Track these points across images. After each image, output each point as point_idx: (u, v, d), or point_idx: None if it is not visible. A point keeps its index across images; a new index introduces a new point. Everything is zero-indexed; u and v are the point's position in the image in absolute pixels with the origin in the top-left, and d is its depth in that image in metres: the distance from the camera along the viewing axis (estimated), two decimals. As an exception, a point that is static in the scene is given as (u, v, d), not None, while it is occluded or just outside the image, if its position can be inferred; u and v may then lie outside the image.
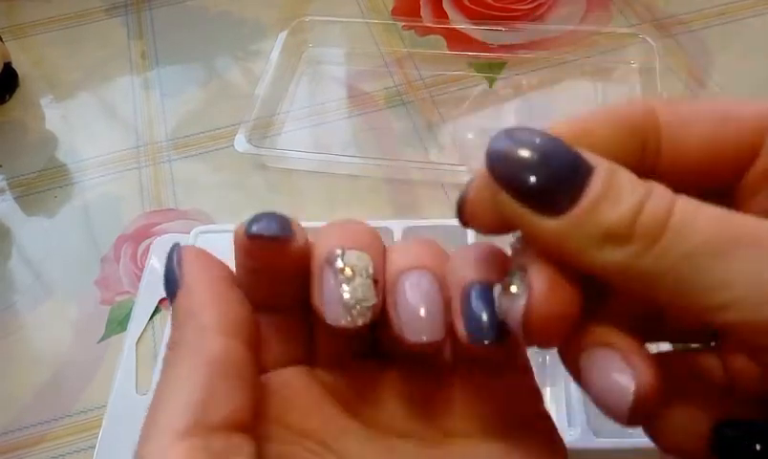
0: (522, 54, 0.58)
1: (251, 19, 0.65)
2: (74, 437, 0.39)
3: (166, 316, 0.42)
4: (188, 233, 0.45)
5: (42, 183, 0.53)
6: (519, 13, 0.62)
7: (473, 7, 0.63)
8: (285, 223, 0.20)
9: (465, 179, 0.50)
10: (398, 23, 0.62)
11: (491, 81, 0.56)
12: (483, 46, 0.59)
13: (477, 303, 0.18)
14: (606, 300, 0.18)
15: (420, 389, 0.21)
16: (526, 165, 0.16)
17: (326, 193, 0.50)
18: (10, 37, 0.65)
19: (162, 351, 0.40)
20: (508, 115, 0.54)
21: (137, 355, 0.42)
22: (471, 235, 0.42)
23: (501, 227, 0.18)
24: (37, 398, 0.42)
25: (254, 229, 0.19)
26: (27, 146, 0.56)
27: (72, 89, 0.61)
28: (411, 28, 0.61)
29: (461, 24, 0.61)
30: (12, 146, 0.56)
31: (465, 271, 0.19)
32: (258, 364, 0.19)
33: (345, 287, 0.18)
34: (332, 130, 0.54)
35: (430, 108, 0.55)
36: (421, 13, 0.63)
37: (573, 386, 0.36)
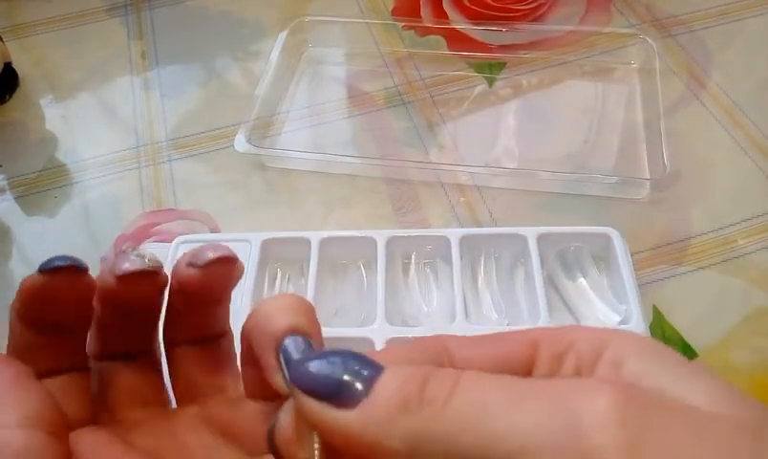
0: (522, 54, 0.58)
1: (251, 19, 0.65)
2: (74, 437, 0.39)
3: None
4: (170, 242, 0.45)
5: (42, 183, 0.53)
6: (519, 14, 0.62)
7: (473, 7, 0.63)
8: (75, 258, 0.23)
9: (465, 179, 0.50)
10: (398, 23, 0.62)
11: (491, 81, 0.56)
12: (483, 46, 0.59)
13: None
14: None
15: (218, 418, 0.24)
16: (324, 366, 0.18)
17: (325, 193, 0.50)
18: (11, 37, 0.65)
19: None
20: (508, 115, 0.54)
21: None
22: (455, 245, 0.42)
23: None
24: (37, 398, 0.42)
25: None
26: (27, 146, 0.56)
27: (72, 89, 0.61)
28: (411, 28, 0.61)
29: (461, 24, 0.61)
30: (12, 146, 0.56)
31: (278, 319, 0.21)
32: (64, 442, 0.20)
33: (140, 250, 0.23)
34: (332, 130, 0.54)
35: (430, 108, 0.55)
36: (421, 14, 0.63)
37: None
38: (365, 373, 0.17)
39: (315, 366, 0.18)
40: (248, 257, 0.42)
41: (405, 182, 0.50)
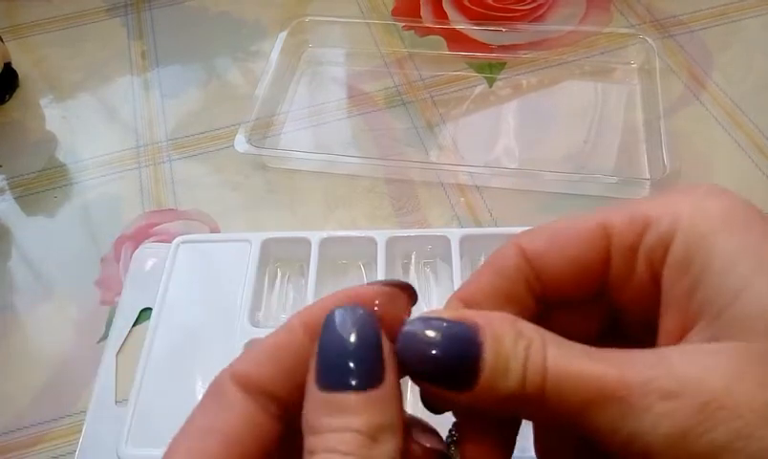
0: (522, 54, 0.58)
1: (251, 19, 0.65)
2: (74, 437, 0.39)
3: (147, 326, 0.41)
4: (170, 242, 0.45)
5: (42, 183, 0.53)
6: (519, 14, 0.62)
7: (473, 7, 0.63)
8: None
9: (465, 179, 0.50)
10: (398, 23, 0.62)
11: (491, 81, 0.56)
12: (483, 46, 0.59)
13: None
14: None
15: None
16: (428, 365, 0.19)
17: (326, 193, 0.50)
18: (10, 37, 0.65)
19: (144, 359, 0.40)
20: (508, 115, 0.54)
21: (117, 364, 0.41)
22: (455, 245, 0.42)
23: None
24: (37, 398, 0.42)
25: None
26: (27, 146, 0.56)
27: (72, 89, 0.61)
28: (411, 28, 0.61)
29: (461, 24, 0.61)
30: (12, 146, 0.56)
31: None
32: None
33: None
34: (332, 130, 0.54)
35: (430, 108, 0.55)
36: (421, 14, 0.63)
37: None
38: (467, 360, 0.18)
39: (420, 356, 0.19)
40: (248, 257, 0.42)
41: (405, 182, 0.50)
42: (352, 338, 0.19)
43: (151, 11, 0.67)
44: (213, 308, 0.41)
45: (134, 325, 0.43)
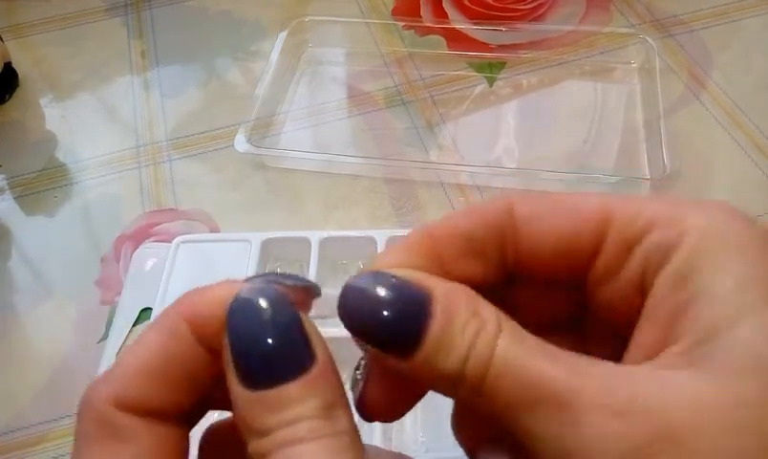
0: (523, 54, 0.58)
1: (251, 19, 0.65)
2: (74, 437, 0.39)
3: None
4: (170, 242, 0.45)
5: (42, 183, 0.53)
6: (519, 13, 0.62)
7: (473, 7, 0.63)
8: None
9: (465, 179, 0.50)
10: (398, 23, 0.62)
11: (491, 81, 0.56)
12: (483, 46, 0.59)
13: None
14: None
15: None
16: (368, 324, 0.17)
17: (326, 193, 0.50)
18: (10, 37, 0.65)
19: None
20: (508, 115, 0.54)
21: None
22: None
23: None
24: (37, 398, 0.42)
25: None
26: (27, 146, 0.56)
27: (72, 89, 0.61)
28: (411, 28, 0.61)
29: (461, 24, 0.61)
30: (12, 146, 0.56)
31: None
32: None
33: None
34: (332, 130, 0.54)
35: (430, 108, 0.55)
36: (421, 13, 0.63)
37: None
38: (411, 329, 0.17)
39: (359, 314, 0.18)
40: (248, 257, 0.42)
41: (405, 182, 0.50)
42: (270, 326, 0.17)
43: (151, 11, 0.67)
44: None
45: (134, 325, 0.43)
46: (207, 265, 0.44)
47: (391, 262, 0.19)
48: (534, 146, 0.52)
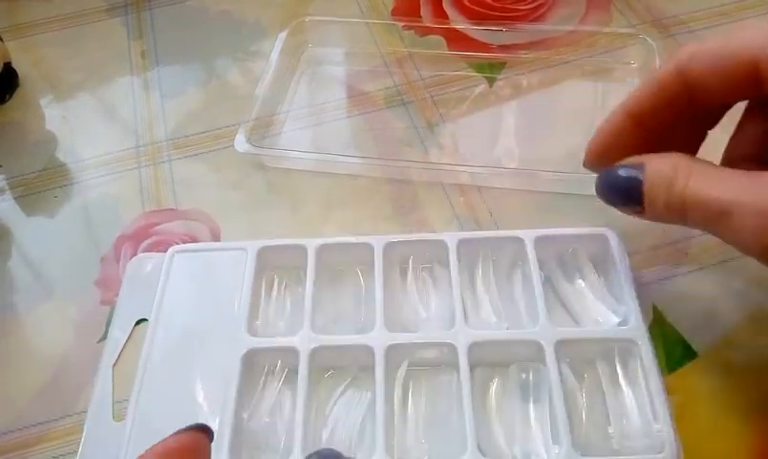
0: (523, 54, 0.58)
1: (251, 19, 0.65)
2: (74, 437, 0.39)
3: (144, 337, 0.41)
4: (165, 252, 0.44)
5: (42, 183, 0.53)
6: (519, 14, 0.62)
7: (473, 7, 0.63)
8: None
9: (465, 179, 0.50)
10: (398, 23, 0.62)
11: (491, 81, 0.56)
12: (483, 46, 0.59)
13: None
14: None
15: None
16: (615, 194, 0.35)
17: (325, 193, 0.50)
18: (10, 37, 0.65)
19: (141, 372, 0.39)
20: (508, 115, 0.54)
21: (113, 377, 0.41)
22: (453, 249, 0.41)
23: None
24: (37, 398, 0.42)
25: None
26: (27, 146, 0.56)
27: (72, 89, 0.61)
28: (411, 28, 0.61)
29: (461, 24, 0.61)
30: (12, 146, 0.56)
31: None
32: None
33: None
34: (332, 130, 0.54)
35: (430, 108, 0.55)
36: (421, 13, 0.63)
37: (558, 404, 0.34)
38: (635, 191, 0.32)
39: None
40: (244, 266, 0.42)
41: (405, 182, 0.50)
42: None
43: (151, 11, 0.67)
44: (210, 318, 0.41)
45: (129, 337, 0.43)
46: (203, 275, 0.43)
47: (600, 145, 0.36)
48: (534, 146, 0.52)
